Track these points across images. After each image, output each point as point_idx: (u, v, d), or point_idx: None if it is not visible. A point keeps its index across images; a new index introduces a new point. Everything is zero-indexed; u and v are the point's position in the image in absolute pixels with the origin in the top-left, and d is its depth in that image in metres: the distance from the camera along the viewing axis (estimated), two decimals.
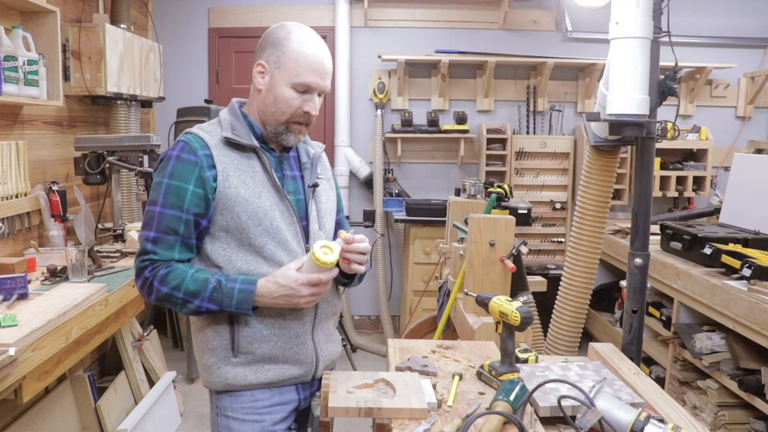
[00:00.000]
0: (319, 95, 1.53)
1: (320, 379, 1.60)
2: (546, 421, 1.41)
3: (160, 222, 1.44)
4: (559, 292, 3.28)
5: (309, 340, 1.56)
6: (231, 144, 1.49)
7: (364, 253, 1.48)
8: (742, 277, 2.73)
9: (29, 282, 2.26)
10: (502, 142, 4.62)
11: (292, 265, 1.45)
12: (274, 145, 1.57)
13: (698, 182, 4.63)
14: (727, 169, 4.62)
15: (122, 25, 3.66)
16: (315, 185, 1.61)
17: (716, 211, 4.09)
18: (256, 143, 1.51)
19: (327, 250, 1.41)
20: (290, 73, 1.48)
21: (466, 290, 2.40)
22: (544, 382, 1.41)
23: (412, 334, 3.19)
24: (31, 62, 2.68)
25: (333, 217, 1.67)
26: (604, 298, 4.39)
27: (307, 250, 1.53)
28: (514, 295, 2.49)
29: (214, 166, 1.46)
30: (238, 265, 1.48)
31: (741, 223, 3.37)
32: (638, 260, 2.58)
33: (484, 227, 2.42)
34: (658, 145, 2.66)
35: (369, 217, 4.43)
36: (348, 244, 1.45)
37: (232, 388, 1.53)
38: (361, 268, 1.49)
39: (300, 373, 1.56)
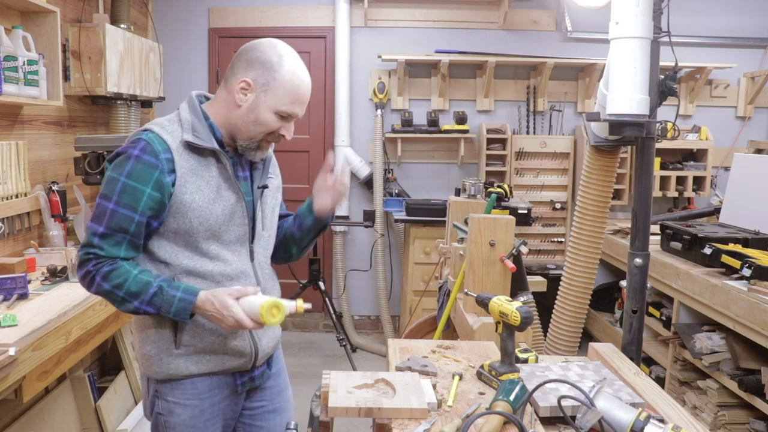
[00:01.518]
0: None
1: (261, 366, 1.67)
2: (546, 421, 1.41)
3: (111, 219, 1.43)
4: (559, 292, 3.28)
5: (246, 335, 1.60)
6: (190, 147, 1.49)
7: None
8: (742, 277, 2.73)
9: (29, 282, 2.27)
10: (502, 142, 4.62)
11: (234, 291, 1.46)
12: (229, 148, 1.58)
13: (698, 182, 4.63)
14: (727, 169, 4.62)
15: (122, 25, 3.66)
16: (264, 187, 1.63)
17: (716, 211, 4.09)
18: (215, 146, 1.51)
19: (275, 312, 1.44)
20: (277, 100, 1.50)
21: (466, 290, 2.40)
22: (544, 382, 1.41)
23: (412, 334, 3.19)
24: (31, 62, 2.68)
25: (276, 216, 1.71)
26: (604, 298, 4.39)
27: (251, 250, 1.59)
28: (514, 295, 2.49)
29: (173, 171, 1.46)
30: (184, 262, 1.51)
31: (741, 223, 3.37)
32: (638, 260, 2.58)
33: (484, 227, 2.42)
34: (658, 145, 2.66)
35: (369, 217, 4.43)
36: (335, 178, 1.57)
37: (173, 378, 1.56)
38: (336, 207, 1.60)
39: (239, 364, 1.61)
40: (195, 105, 1.56)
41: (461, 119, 4.59)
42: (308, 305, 1.48)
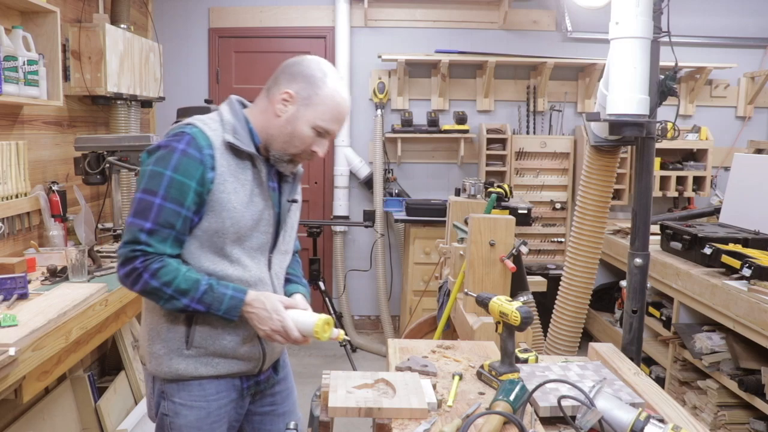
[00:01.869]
0: None
1: (267, 371, 1.68)
2: (546, 421, 1.41)
3: (159, 215, 1.42)
4: (559, 292, 3.28)
5: (257, 340, 1.60)
6: (230, 148, 1.49)
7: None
8: (742, 277, 2.73)
9: (29, 282, 2.26)
10: (502, 142, 4.62)
11: (285, 299, 1.51)
12: (264, 156, 1.58)
13: (698, 182, 4.63)
14: (727, 169, 4.62)
15: (122, 25, 3.66)
16: (294, 201, 1.65)
17: (716, 211, 4.09)
18: (255, 152, 1.52)
19: (327, 328, 1.47)
20: (317, 115, 1.51)
21: (466, 290, 2.40)
22: (544, 382, 1.41)
23: (412, 334, 3.19)
24: (31, 62, 2.68)
25: (295, 232, 1.72)
26: (604, 298, 4.39)
27: (270, 260, 1.60)
28: (514, 295, 2.49)
29: (214, 168, 1.46)
30: (204, 264, 1.50)
31: (741, 223, 3.37)
32: (638, 260, 2.58)
33: (484, 227, 2.42)
34: (658, 145, 2.67)
35: (369, 217, 4.43)
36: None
37: (181, 379, 1.56)
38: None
39: (248, 368, 1.61)
40: (237, 108, 1.56)
41: (461, 119, 4.59)
42: (347, 337, 1.53)
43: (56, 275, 2.50)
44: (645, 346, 3.25)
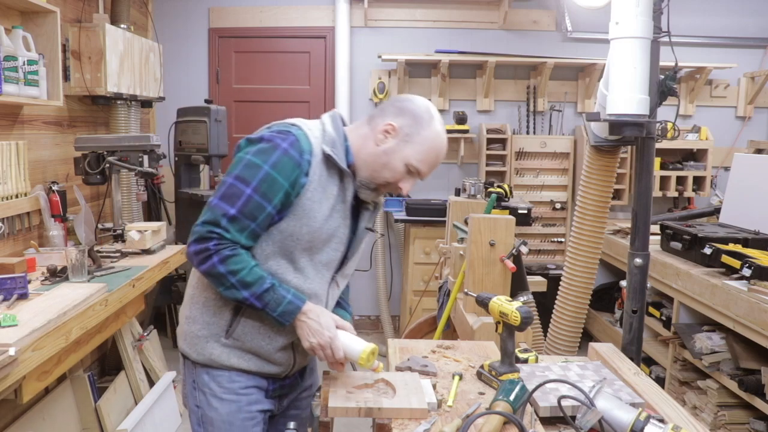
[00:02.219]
0: None
1: (293, 376, 1.70)
2: (546, 421, 1.41)
3: (246, 205, 1.43)
4: (559, 292, 3.28)
5: (290, 350, 1.62)
6: (326, 159, 1.50)
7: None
8: (742, 277, 2.73)
9: (29, 282, 2.26)
10: (502, 142, 4.62)
11: (339, 321, 1.52)
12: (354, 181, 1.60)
13: (698, 182, 4.63)
14: (727, 169, 4.62)
15: (122, 25, 3.66)
16: (371, 229, 1.67)
17: (716, 211, 4.09)
18: (347, 169, 1.53)
19: (371, 357, 1.49)
20: (414, 154, 1.52)
21: (466, 290, 2.40)
22: (544, 382, 1.41)
23: (412, 334, 3.19)
24: (31, 62, 2.68)
25: (359, 258, 1.73)
26: (604, 298, 4.39)
27: (334, 278, 1.61)
28: (514, 295, 2.49)
29: (308, 174, 1.47)
30: (268, 263, 1.51)
31: (741, 223, 3.37)
32: (638, 260, 2.58)
33: (484, 227, 2.42)
34: (658, 145, 2.67)
35: None
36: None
37: (212, 365, 1.57)
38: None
39: (276, 372, 1.63)
40: (339, 124, 1.57)
41: (461, 119, 4.59)
42: (382, 370, 1.55)
43: (56, 275, 2.50)
44: (645, 346, 3.25)
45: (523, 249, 2.47)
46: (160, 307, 4.35)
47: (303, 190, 1.47)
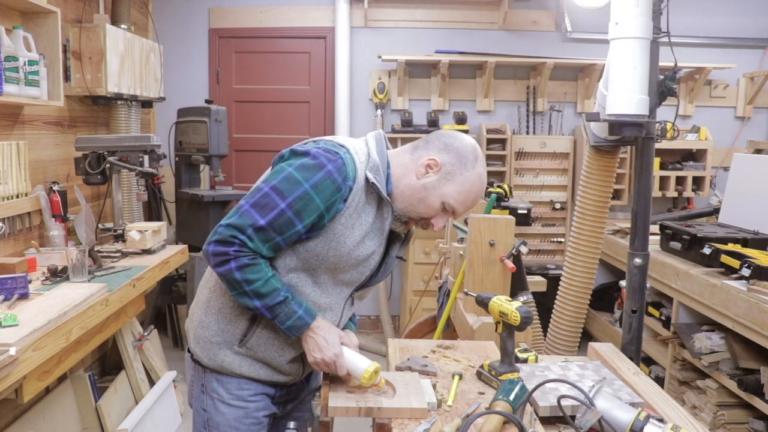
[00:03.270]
0: None
1: (301, 382, 1.72)
2: (546, 420, 1.42)
3: (277, 218, 1.41)
4: (558, 292, 3.28)
5: (300, 361, 1.62)
6: (368, 185, 1.48)
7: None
8: (741, 277, 2.74)
9: (30, 282, 2.27)
10: (502, 142, 4.62)
11: (344, 335, 1.54)
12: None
13: (698, 182, 4.63)
14: (726, 169, 4.62)
15: (123, 26, 3.67)
16: (402, 259, 1.65)
17: (715, 211, 4.10)
18: (388, 198, 1.50)
19: (374, 377, 1.48)
20: (453, 194, 1.50)
21: (466, 290, 2.40)
22: (544, 382, 1.42)
23: (412, 334, 3.19)
24: (31, 62, 2.68)
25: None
26: (603, 298, 4.40)
27: (350, 296, 1.61)
28: (513, 295, 2.49)
29: (346, 200, 1.45)
30: (289, 275, 1.50)
31: (740, 223, 3.37)
32: (638, 260, 2.58)
33: (484, 227, 2.42)
34: (657, 145, 2.67)
35: None
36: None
37: (222, 372, 1.58)
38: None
39: (285, 381, 1.65)
40: (383, 148, 1.54)
41: (461, 119, 4.59)
42: (385, 387, 1.54)
43: (57, 275, 2.51)
44: (644, 345, 3.25)
45: (523, 249, 2.47)
46: (161, 307, 4.35)
47: (338, 215, 1.45)
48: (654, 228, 3.24)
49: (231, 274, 1.43)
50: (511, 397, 1.36)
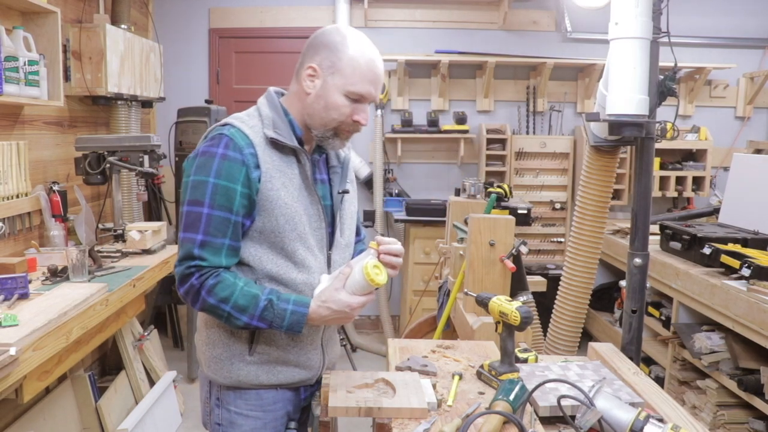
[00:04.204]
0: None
1: (320, 380, 1.61)
2: (546, 420, 1.42)
3: (209, 224, 1.38)
4: (558, 292, 3.28)
5: (319, 344, 1.58)
6: (273, 143, 1.44)
7: (398, 255, 1.46)
8: (741, 277, 2.74)
9: (30, 282, 2.27)
10: (502, 142, 4.62)
11: (337, 284, 1.43)
12: (307, 147, 1.53)
13: (697, 182, 4.63)
14: (726, 169, 4.62)
15: (123, 26, 3.67)
16: (345, 191, 1.59)
17: (715, 211, 4.10)
18: (297, 145, 1.47)
19: (377, 271, 1.41)
20: (345, 80, 1.44)
21: (466, 290, 2.41)
22: (544, 382, 1.42)
23: (412, 333, 3.20)
24: (31, 62, 2.69)
25: (354, 223, 1.66)
26: (603, 298, 4.40)
27: (329, 257, 1.55)
28: (513, 295, 2.49)
29: (258, 166, 1.41)
30: (267, 267, 1.46)
31: (740, 223, 3.37)
32: (638, 260, 2.58)
33: (484, 227, 2.43)
34: (657, 146, 2.67)
35: (369, 217, 4.43)
36: (383, 252, 1.44)
37: (241, 386, 1.52)
38: (394, 273, 1.47)
39: (307, 377, 1.58)
40: (274, 100, 1.51)
41: (461, 119, 4.59)
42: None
43: (57, 275, 2.51)
44: (644, 345, 3.25)
45: (523, 249, 2.47)
46: (161, 307, 4.35)
47: (261, 183, 1.41)
48: (654, 228, 3.24)
49: (206, 303, 1.39)
50: (511, 397, 1.36)
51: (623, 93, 2.41)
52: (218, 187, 1.38)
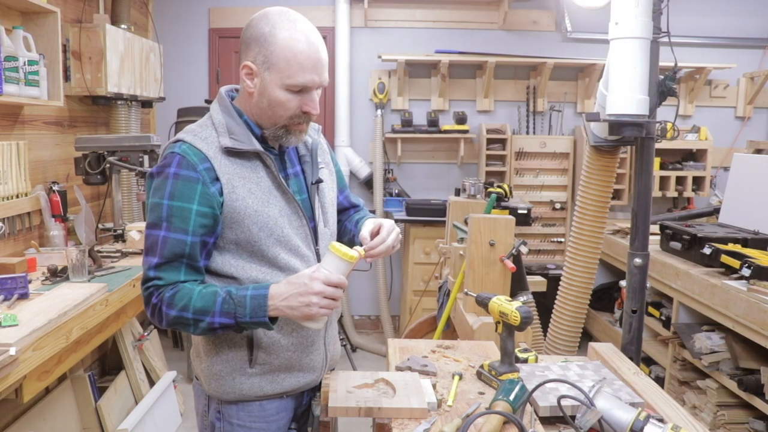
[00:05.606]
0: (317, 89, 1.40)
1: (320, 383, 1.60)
2: (546, 420, 1.42)
3: (164, 247, 1.33)
4: (558, 292, 3.28)
5: (321, 345, 1.55)
6: (231, 151, 1.37)
7: (393, 246, 1.43)
8: (741, 277, 2.74)
9: (30, 282, 2.27)
10: (502, 142, 4.62)
11: (307, 271, 1.34)
12: (271, 142, 1.46)
13: (698, 182, 4.63)
14: (726, 169, 4.62)
15: (123, 26, 3.67)
16: (319, 181, 1.52)
17: (716, 211, 4.10)
18: (258, 147, 1.39)
19: (347, 248, 1.32)
20: (282, 74, 1.35)
21: (466, 290, 2.40)
22: (544, 382, 1.41)
23: (412, 334, 3.19)
24: (31, 62, 2.69)
25: (335, 209, 1.61)
26: (604, 298, 4.40)
27: (317, 253, 1.49)
28: (513, 295, 2.49)
29: (217, 179, 1.35)
30: (253, 275, 1.40)
31: (740, 223, 3.37)
32: (638, 260, 2.58)
33: (484, 227, 2.42)
34: (657, 145, 2.67)
35: None
36: (369, 252, 1.40)
37: (245, 399, 1.48)
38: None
39: (312, 380, 1.55)
40: (227, 104, 1.45)
41: (461, 119, 4.59)
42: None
43: (57, 275, 2.51)
44: (644, 345, 3.25)
45: (523, 249, 2.47)
46: None
47: (224, 197, 1.34)
48: (654, 228, 3.24)
49: (170, 317, 1.32)
50: (511, 397, 1.36)
51: (623, 93, 2.41)
52: (173, 209, 1.33)
